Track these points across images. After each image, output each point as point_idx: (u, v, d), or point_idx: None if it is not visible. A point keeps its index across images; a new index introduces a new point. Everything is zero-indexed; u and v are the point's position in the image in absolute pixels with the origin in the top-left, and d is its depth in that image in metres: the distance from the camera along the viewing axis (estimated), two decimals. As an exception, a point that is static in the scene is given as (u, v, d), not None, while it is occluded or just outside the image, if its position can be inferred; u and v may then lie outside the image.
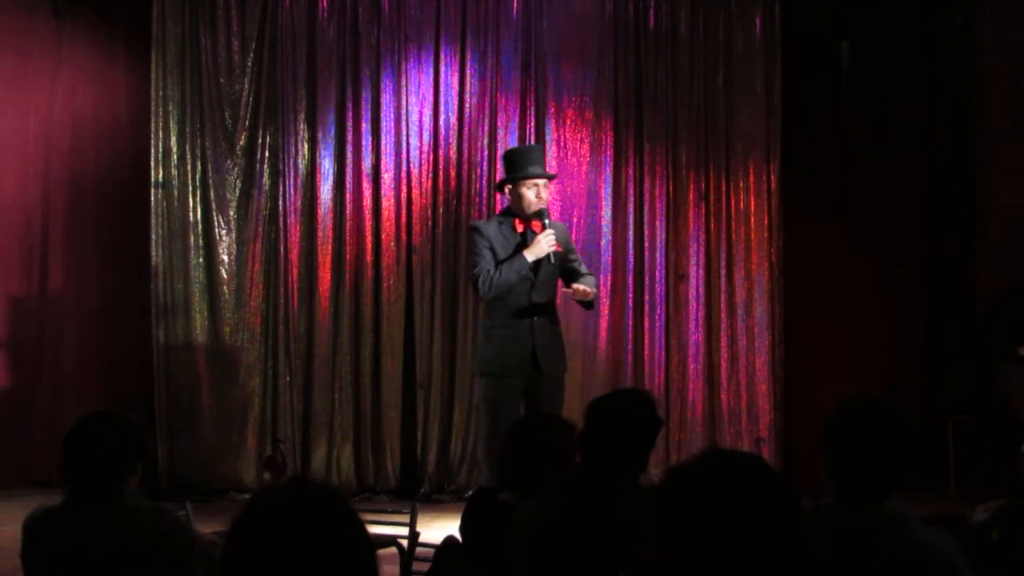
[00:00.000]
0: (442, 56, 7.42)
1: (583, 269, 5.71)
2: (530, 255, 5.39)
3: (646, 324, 7.42)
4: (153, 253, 7.25)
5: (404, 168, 7.37)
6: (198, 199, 7.32)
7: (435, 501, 7.04)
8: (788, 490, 1.68)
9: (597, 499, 2.93)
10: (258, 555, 1.64)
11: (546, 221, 5.46)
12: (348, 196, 7.35)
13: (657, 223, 7.47)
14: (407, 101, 7.39)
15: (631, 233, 7.45)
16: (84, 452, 2.97)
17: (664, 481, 1.75)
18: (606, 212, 7.44)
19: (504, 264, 5.42)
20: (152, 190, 7.28)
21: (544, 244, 5.39)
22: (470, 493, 3.46)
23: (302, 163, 7.37)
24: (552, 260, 5.44)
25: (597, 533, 2.83)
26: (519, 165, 5.58)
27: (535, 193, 5.49)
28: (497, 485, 3.50)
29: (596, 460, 3.10)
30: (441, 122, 7.40)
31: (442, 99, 7.41)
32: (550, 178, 5.79)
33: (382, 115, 7.39)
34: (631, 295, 7.43)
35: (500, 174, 7.34)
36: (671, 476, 1.74)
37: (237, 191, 7.36)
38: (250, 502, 1.71)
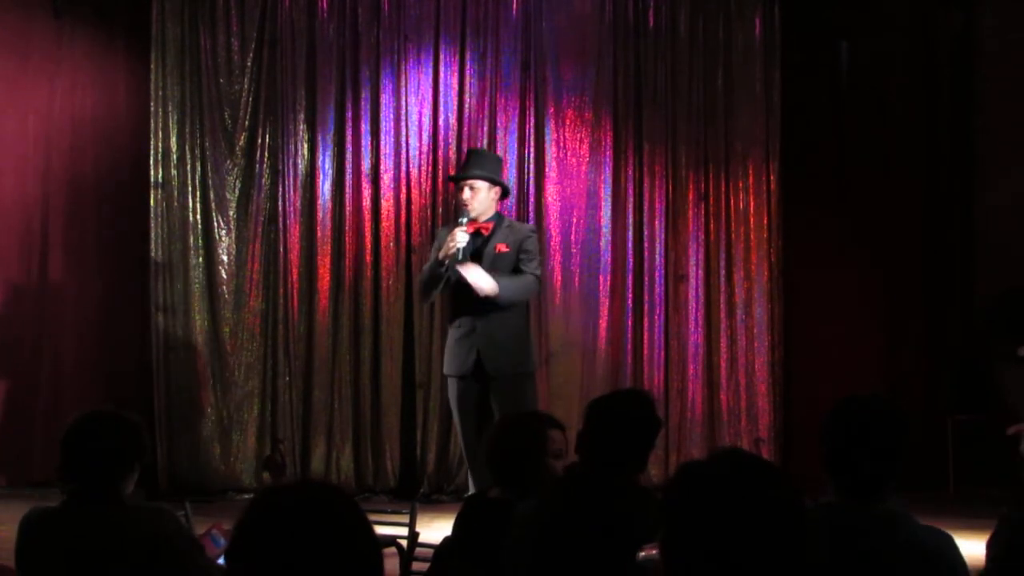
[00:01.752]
0: (442, 56, 7.42)
1: (526, 268, 5.60)
2: (440, 255, 5.51)
3: (645, 324, 7.41)
4: (152, 253, 7.25)
5: (403, 168, 7.37)
6: (198, 199, 7.31)
7: (434, 501, 7.04)
8: (795, 496, 1.68)
9: (597, 499, 2.93)
10: (264, 555, 1.64)
11: (462, 221, 5.52)
12: (348, 196, 7.35)
13: (656, 223, 7.46)
14: (407, 101, 7.39)
15: (630, 233, 7.44)
16: (83, 452, 2.96)
17: (674, 478, 1.74)
18: (605, 212, 7.43)
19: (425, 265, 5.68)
20: (152, 190, 7.27)
21: (448, 243, 5.48)
22: (464, 496, 3.45)
23: (302, 163, 7.36)
24: (460, 256, 5.44)
25: (597, 533, 2.83)
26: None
27: (463, 194, 5.61)
28: (483, 486, 3.51)
29: (596, 460, 3.10)
30: (440, 122, 7.40)
31: (441, 99, 7.40)
32: (461, 178, 5.73)
33: (381, 115, 7.39)
34: (630, 295, 7.42)
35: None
36: (681, 473, 1.74)
37: (237, 191, 7.36)
38: (255, 502, 1.70)
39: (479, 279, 5.43)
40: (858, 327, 7.54)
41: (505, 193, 5.86)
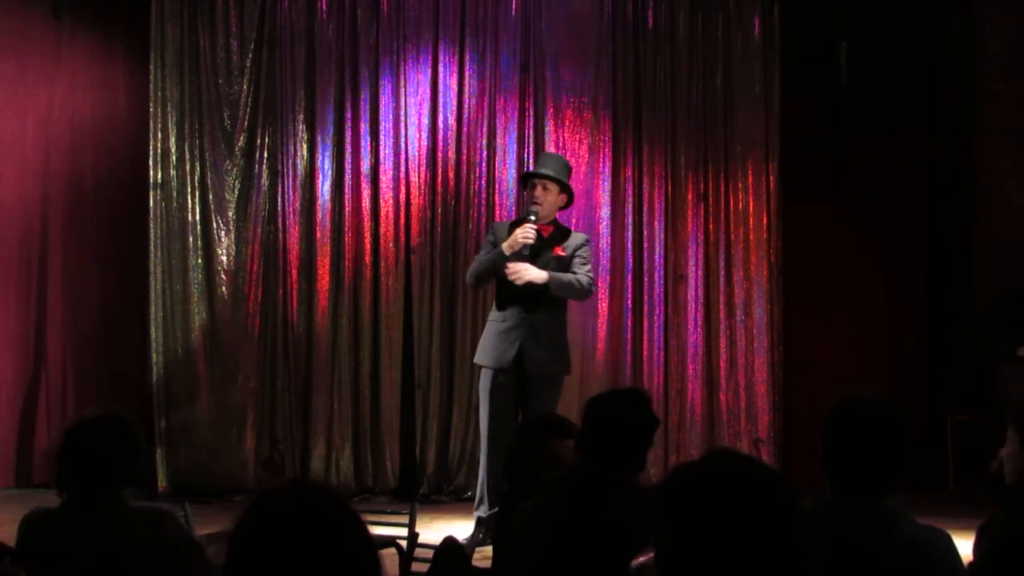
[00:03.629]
0: (441, 57, 7.41)
1: (577, 270, 5.76)
2: (506, 247, 5.61)
3: (645, 325, 7.41)
4: (152, 254, 7.24)
5: (403, 169, 7.37)
6: (197, 200, 7.31)
7: (434, 502, 7.04)
8: (789, 497, 1.68)
9: (596, 499, 2.93)
10: (261, 557, 1.64)
11: (531, 218, 5.67)
12: (347, 197, 7.35)
13: (656, 224, 7.46)
14: (406, 102, 7.38)
15: (630, 234, 7.44)
16: (80, 455, 2.96)
17: (667, 479, 1.74)
18: (605, 213, 7.43)
19: (486, 255, 5.76)
20: (151, 191, 7.27)
21: (518, 236, 5.58)
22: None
23: (301, 164, 7.36)
24: (525, 252, 5.61)
25: (596, 533, 2.83)
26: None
27: (533, 191, 5.79)
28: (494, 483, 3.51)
29: (595, 460, 3.10)
30: (440, 123, 7.39)
31: (441, 100, 7.40)
32: (538, 176, 5.85)
33: (381, 116, 7.39)
34: (630, 296, 7.42)
35: (499, 175, 7.40)
36: (675, 474, 1.74)
37: (236, 192, 7.35)
38: (252, 504, 1.71)
39: (530, 271, 5.59)
40: (858, 327, 7.53)
41: (570, 201, 5.98)
